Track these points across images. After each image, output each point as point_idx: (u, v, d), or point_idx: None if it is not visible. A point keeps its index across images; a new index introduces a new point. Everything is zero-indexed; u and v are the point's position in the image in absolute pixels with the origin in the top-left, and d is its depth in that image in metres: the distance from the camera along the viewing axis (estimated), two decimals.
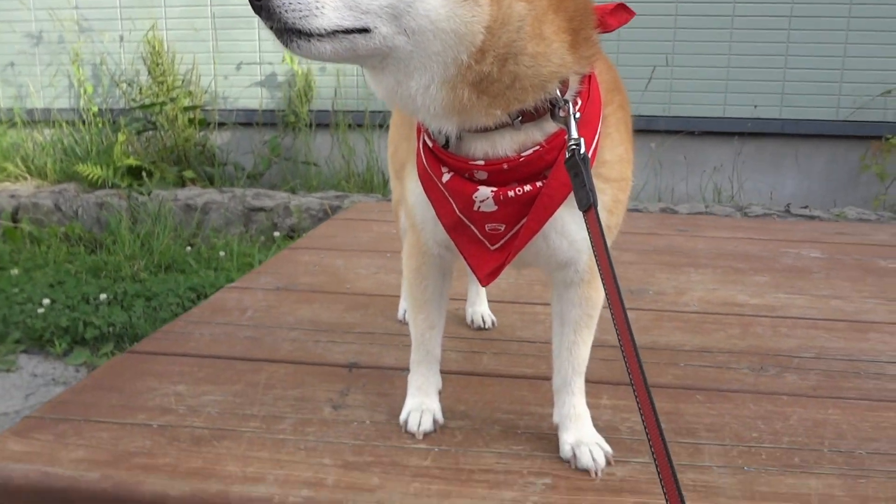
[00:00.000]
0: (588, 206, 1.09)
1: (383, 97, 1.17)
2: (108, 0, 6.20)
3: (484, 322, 2.00)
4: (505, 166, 1.17)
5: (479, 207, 1.21)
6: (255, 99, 6.20)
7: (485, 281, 1.28)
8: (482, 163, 1.18)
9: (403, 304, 2.06)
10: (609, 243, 1.14)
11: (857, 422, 1.52)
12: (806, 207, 4.83)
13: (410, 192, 1.36)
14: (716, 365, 1.80)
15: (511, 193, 1.18)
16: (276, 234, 4.93)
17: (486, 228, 1.24)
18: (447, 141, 1.21)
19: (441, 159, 1.23)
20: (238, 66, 6.18)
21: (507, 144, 1.17)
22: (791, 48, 5.36)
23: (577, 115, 1.15)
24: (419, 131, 1.29)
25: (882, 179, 5.23)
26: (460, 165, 1.20)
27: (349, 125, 5.90)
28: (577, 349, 1.37)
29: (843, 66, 5.31)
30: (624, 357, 1.00)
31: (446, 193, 1.23)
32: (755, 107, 5.39)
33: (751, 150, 5.52)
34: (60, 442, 1.41)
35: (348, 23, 1.04)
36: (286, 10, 1.03)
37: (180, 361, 1.80)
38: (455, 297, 2.11)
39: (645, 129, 5.35)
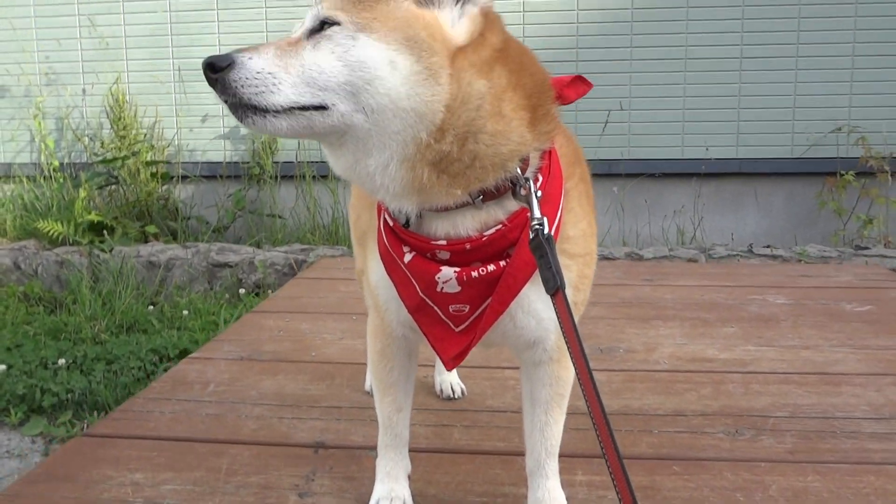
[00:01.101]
0: (555, 289, 1.06)
1: (342, 174, 1.14)
2: (72, 53, 6.14)
3: (453, 392, 1.96)
4: (467, 246, 1.14)
5: (443, 288, 1.17)
6: (220, 151, 6.15)
7: (450, 365, 1.23)
8: (444, 243, 1.15)
9: (370, 375, 2.00)
10: (577, 320, 1.11)
11: (837, 488, 1.50)
12: (768, 247, 4.88)
13: (373, 271, 1.32)
14: (690, 430, 1.77)
15: (475, 274, 1.15)
16: (242, 290, 4.85)
17: (450, 310, 1.20)
18: (408, 220, 1.18)
19: (402, 239, 1.20)
20: (203, 119, 6.14)
21: (468, 224, 1.14)
22: (744, 88, 5.48)
23: (539, 193, 1.13)
24: (380, 210, 1.26)
25: (840, 215, 5.33)
26: (422, 245, 1.17)
27: (314, 176, 5.87)
28: (549, 429, 1.33)
29: (795, 104, 5.45)
30: (600, 443, 0.97)
31: (408, 274, 1.20)
32: (707, 148, 5.49)
33: (711, 190, 5.60)
34: None
35: (305, 100, 1.02)
36: (242, 86, 1.01)
37: (138, 445, 1.73)
38: (423, 364, 2.07)
39: (607, 172, 5.41)
